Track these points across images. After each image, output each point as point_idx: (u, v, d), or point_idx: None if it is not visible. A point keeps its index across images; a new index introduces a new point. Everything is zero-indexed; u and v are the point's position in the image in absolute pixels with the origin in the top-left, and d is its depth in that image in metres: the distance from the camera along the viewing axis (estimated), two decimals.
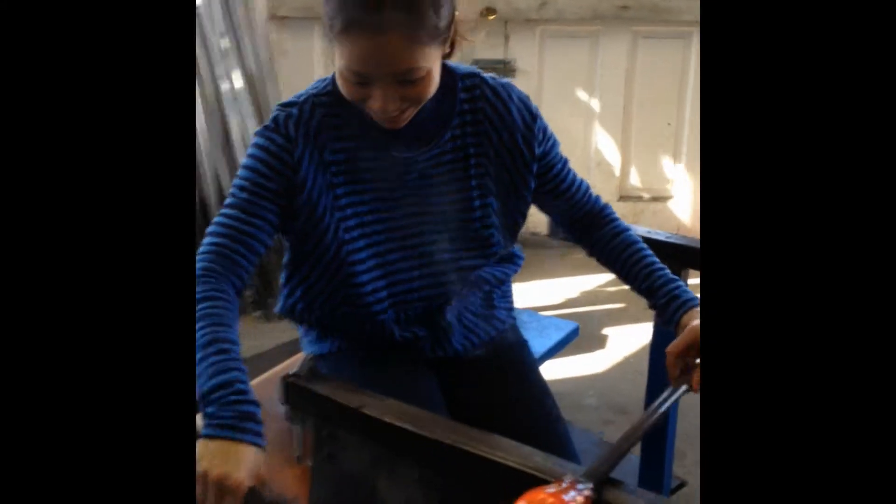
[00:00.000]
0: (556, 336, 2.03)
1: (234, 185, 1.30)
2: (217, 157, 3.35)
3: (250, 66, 3.48)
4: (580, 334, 2.18)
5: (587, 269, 3.61)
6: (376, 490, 1.20)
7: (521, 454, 1.08)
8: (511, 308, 1.60)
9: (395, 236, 1.37)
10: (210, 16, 3.31)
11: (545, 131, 1.44)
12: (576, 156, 4.02)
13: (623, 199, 4.11)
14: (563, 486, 0.96)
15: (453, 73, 1.37)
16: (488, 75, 1.41)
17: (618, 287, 3.43)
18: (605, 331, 3.28)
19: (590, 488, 0.97)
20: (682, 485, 2.31)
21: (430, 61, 1.20)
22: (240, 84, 3.42)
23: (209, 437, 1.06)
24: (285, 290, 1.47)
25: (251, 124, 3.45)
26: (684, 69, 3.87)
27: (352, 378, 1.34)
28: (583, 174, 1.54)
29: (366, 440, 1.20)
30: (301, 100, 1.33)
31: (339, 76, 1.22)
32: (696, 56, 3.82)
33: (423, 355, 1.47)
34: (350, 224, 1.33)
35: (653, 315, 1.49)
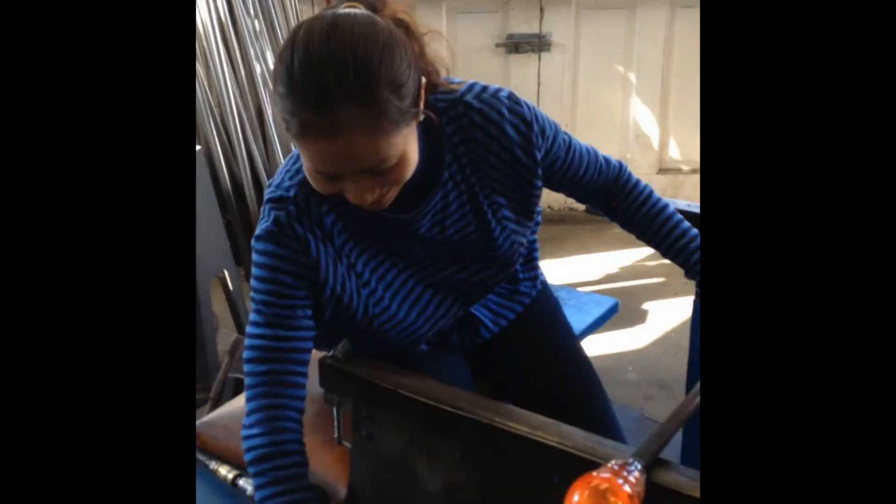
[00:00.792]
0: (596, 313, 2.01)
1: (256, 301, 1.21)
2: (251, 139, 3.36)
3: None
4: (619, 310, 2.16)
5: (626, 244, 3.57)
6: (415, 470, 1.20)
7: (561, 433, 1.07)
8: (536, 276, 1.54)
9: (421, 277, 1.32)
10: None
11: (544, 131, 1.32)
12: (614, 129, 3.99)
13: (662, 171, 4.06)
14: (615, 468, 0.94)
15: (435, 109, 1.25)
16: (470, 98, 1.27)
17: (657, 261, 3.39)
18: (645, 305, 3.25)
19: (640, 469, 0.96)
20: None
21: (399, 147, 1.08)
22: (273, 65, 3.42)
23: None
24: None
25: None
26: None
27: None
28: (621, 148, 1.51)
29: (404, 420, 1.19)
30: (291, 194, 1.21)
31: (307, 174, 1.13)
32: None
33: (450, 346, 1.46)
34: (378, 295, 1.28)
35: (694, 289, 1.47)
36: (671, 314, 3.18)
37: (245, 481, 1.37)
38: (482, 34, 3.86)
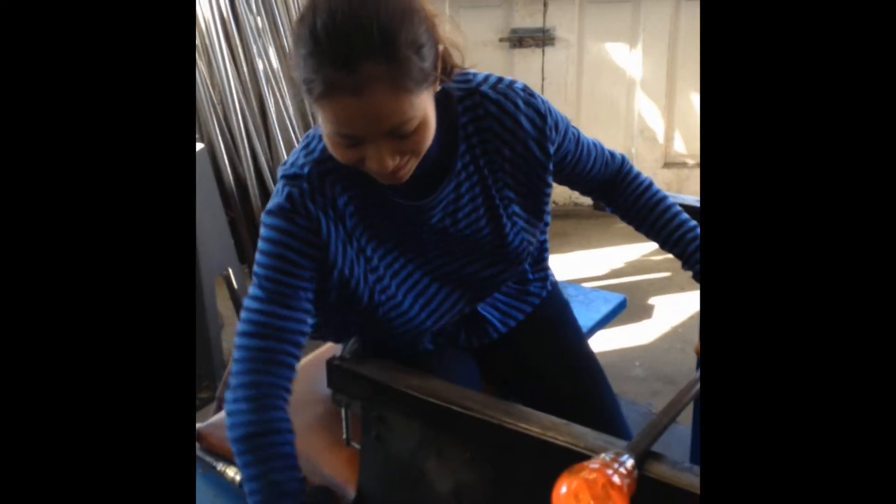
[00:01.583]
0: (604, 309, 2.00)
1: (259, 274, 1.20)
2: (255, 136, 3.35)
3: (286, 44, 3.47)
4: (626, 305, 2.15)
5: (632, 239, 3.56)
6: (425, 471, 1.19)
7: (572, 433, 1.07)
8: (546, 277, 1.53)
9: (429, 269, 1.31)
10: None
11: (557, 125, 1.33)
12: (619, 124, 3.97)
13: (667, 165, 4.04)
14: (606, 460, 0.95)
15: (450, 97, 1.26)
16: (486, 88, 1.28)
17: (663, 256, 3.38)
18: (652, 300, 3.24)
19: (632, 462, 0.96)
20: None
21: (421, 109, 1.09)
22: (276, 62, 3.41)
23: None
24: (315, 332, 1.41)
25: (288, 103, 3.45)
26: None
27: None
28: (626, 142, 1.52)
29: (413, 421, 1.19)
30: (305, 171, 1.20)
31: (328, 141, 1.12)
32: None
33: (458, 346, 1.45)
34: (385, 283, 1.27)
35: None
36: (677, 309, 3.17)
37: None
38: (486, 28, 3.84)
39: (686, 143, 4.02)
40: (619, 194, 1.49)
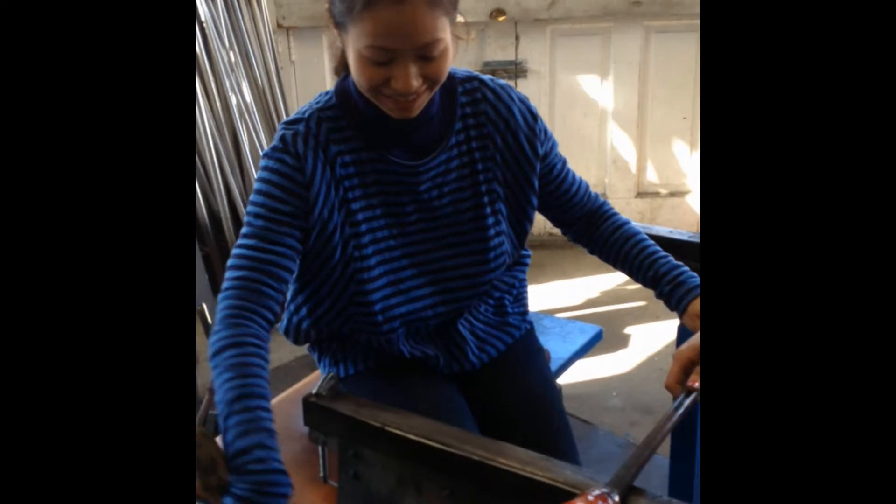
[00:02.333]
0: (580, 340, 2.00)
1: (248, 213, 1.26)
2: (228, 170, 3.34)
3: (259, 78, 3.47)
4: (602, 336, 2.15)
5: (606, 269, 3.55)
6: None
7: (551, 468, 1.06)
8: (525, 312, 1.56)
9: (409, 251, 1.34)
10: (216, 29, 3.30)
11: (546, 131, 1.43)
12: (591, 154, 4.00)
13: (640, 195, 4.07)
14: (591, 498, 0.95)
15: (452, 77, 1.36)
16: (487, 77, 1.40)
17: (638, 286, 3.38)
18: (628, 330, 3.25)
19: (615, 499, 0.96)
20: None
21: (447, 37, 1.19)
22: (249, 96, 3.41)
23: (234, 499, 1.04)
24: (290, 307, 1.44)
25: (262, 136, 3.44)
26: (698, 62, 3.82)
27: (376, 396, 1.31)
28: (599, 173, 1.56)
29: (391, 458, 1.17)
30: (306, 115, 1.29)
31: (357, 61, 1.19)
32: None
33: (438, 372, 1.44)
34: (363, 241, 1.30)
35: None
36: (653, 338, 3.17)
37: None
38: (459, 61, 3.82)
39: (658, 173, 4.05)
40: (597, 228, 1.51)
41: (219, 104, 3.31)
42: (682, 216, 4.01)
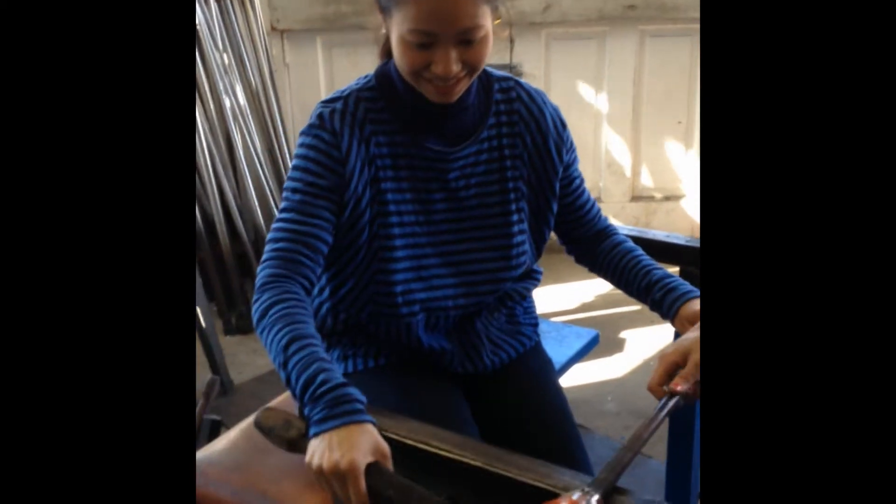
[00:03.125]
0: (577, 345, 2.00)
1: (286, 189, 1.31)
2: (221, 173, 3.33)
3: (252, 81, 3.46)
4: (599, 340, 2.14)
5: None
6: None
7: (550, 475, 1.06)
8: (535, 324, 1.58)
9: (433, 240, 1.36)
10: (210, 31, 3.29)
11: (572, 143, 1.47)
12: (587, 158, 3.99)
13: (635, 199, 4.07)
14: (574, 498, 0.97)
15: (489, 75, 1.40)
16: (523, 81, 1.44)
17: None
18: (623, 334, 3.24)
19: (597, 499, 0.98)
20: None
21: (488, 23, 1.22)
22: (242, 99, 3.40)
23: (315, 436, 1.07)
24: (312, 292, 1.44)
25: (256, 139, 3.43)
26: (692, 66, 3.83)
27: (380, 396, 1.32)
28: (594, 176, 1.58)
29: (393, 463, 1.16)
30: (345, 94, 1.34)
31: (400, 44, 1.23)
32: None
33: (451, 370, 1.44)
34: (390, 221, 1.33)
35: None
36: (648, 343, 3.17)
37: None
38: None
39: (653, 176, 4.05)
40: (598, 245, 1.53)
41: (212, 107, 3.31)
42: (677, 220, 4.01)
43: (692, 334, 1.23)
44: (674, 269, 1.78)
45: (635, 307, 3.43)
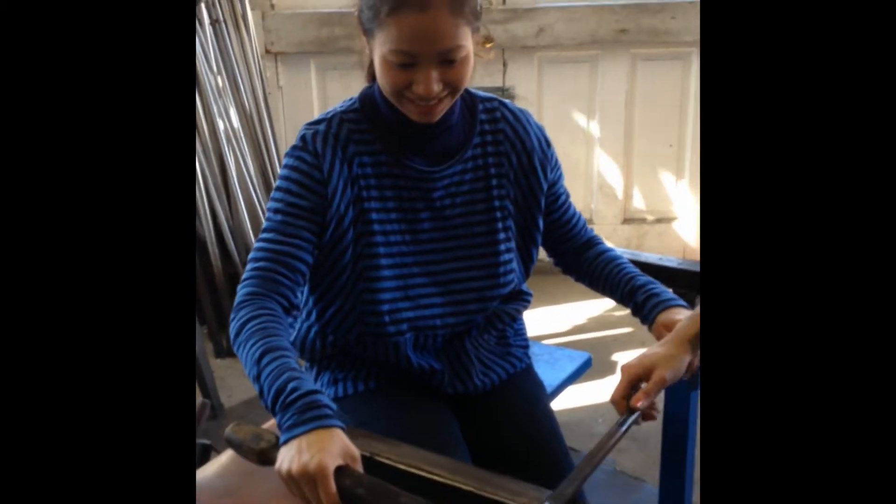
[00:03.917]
0: (569, 368, 2.00)
1: (268, 209, 1.33)
2: (214, 195, 3.33)
3: (246, 103, 3.47)
4: (591, 363, 2.14)
5: (593, 295, 3.54)
6: None
7: (542, 499, 1.05)
8: (526, 346, 1.58)
9: (420, 260, 1.36)
10: (205, 54, 3.30)
11: (557, 161, 1.49)
12: (578, 180, 4.00)
13: (627, 221, 4.08)
14: None
15: (473, 96, 1.43)
16: (507, 100, 1.47)
17: (625, 312, 3.37)
18: (615, 356, 3.24)
19: None
20: None
21: (468, 43, 1.24)
22: (236, 121, 3.41)
23: (285, 443, 1.08)
24: (302, 314, 1.46)
25: (249, 161, 3.44)
26: (684, 90, 3.85)
27: (371, 420, 1.32)
28: (586, 199, 1.60)
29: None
30: (328, 116, 1.36)
31: (382, 65, 1.25)
32: (695, 77, 3.80)
33: (441, 391, 1.44)
34: (374, 241, 1.33)
35: None
36: None
37: None
38: None
39: (645, 199, 4.06)
40: (583, 255, 1.57)
41: (206, 129, 3.31)
42: (669, 243, 4.02)
43: (659, 349, 1.24)
44: None
45: (627, 329, 3.43)
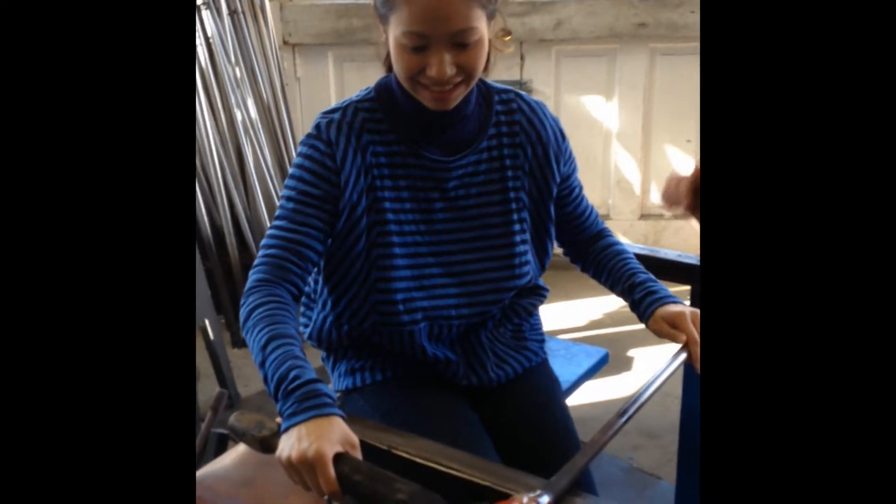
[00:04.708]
0: (586, 364, 1.99)
1: (282, 197, 1.33)
2: (232, 186, 3.33)
3: (264, 94, 3.47)
4: (609, 359, 2.14)
5: (609, 290, 3.56)
6: None
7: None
8: (542, 341, 1.58)
9: (435, 250, 1.37)
10: (223, 45, 3.30)
11: (571, 153, 1.49)
12: (596, 175, 3.99)
13: (644, 217, 4.06)
14: (525, 500, 0.98)
15: (489, 87, 1.42)
16: (523, 92, 1.46)
17: None
18: (631, 352, 3.23)
19: (547, 500, 0.98)
20: None
21: (482, 27, 1.23)
22: (254, 112, 3.41)
23: (286, 430, 1.08)
24: (318, 304, 1.45)
25: (266, 152, 3.44)
26: None
27: (389, 411, 1.33)
28: (603, 194, 1.60)
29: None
30: (344, 105, 1.36)
31: (396, 49, 1.25)
32: None
33: (456, 382, 1.44)
34: (388, 229, 1.34)
35: None
36: (657, 361, 3.15)
37: None
38: None
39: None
40: (592, 246, 1.59)
41: (223, 119, 3.32)
42: (687, 239, 4.00)
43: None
44: (685, 289, 1.78)
45: (643, 325, 3.41)
